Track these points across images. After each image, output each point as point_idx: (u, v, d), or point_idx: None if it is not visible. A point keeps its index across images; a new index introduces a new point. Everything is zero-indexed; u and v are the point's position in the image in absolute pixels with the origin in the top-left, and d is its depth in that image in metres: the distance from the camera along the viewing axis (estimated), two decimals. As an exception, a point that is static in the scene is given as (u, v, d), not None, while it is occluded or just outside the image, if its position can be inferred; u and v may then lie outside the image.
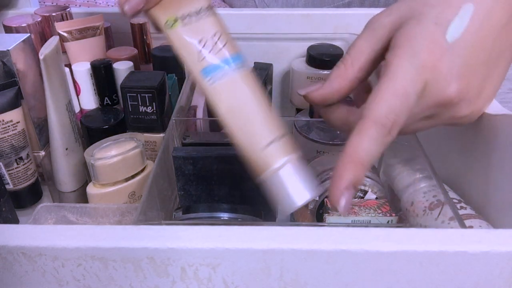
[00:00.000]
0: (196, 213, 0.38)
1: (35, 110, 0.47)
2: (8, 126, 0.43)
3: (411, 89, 0.28)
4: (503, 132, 0.33)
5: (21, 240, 0.25)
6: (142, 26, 0.56)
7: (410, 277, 0.25)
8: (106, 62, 0.50)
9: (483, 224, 0.34)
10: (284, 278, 0.26)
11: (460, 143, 0.39)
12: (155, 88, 0.44)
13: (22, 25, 0.50)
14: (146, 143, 0.47)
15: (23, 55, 0.45)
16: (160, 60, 0.52)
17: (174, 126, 0.43)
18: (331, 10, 0.59)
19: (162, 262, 0.26)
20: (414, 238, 0.25)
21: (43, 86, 0.42)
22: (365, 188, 0.40)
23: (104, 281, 0.27)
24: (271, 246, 0.25)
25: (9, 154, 0.44)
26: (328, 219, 0.37)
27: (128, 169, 0.42)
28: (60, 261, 0.26)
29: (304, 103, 0.54)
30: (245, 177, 0.40)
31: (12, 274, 0.27)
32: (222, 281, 0.26)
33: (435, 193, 0.35)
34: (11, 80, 0.44)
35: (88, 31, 0.53)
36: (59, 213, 0.40)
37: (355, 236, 0.25)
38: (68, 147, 0.45)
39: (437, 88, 0.29)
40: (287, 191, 0.29)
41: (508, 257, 0.24)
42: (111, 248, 0.25)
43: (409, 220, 0.38)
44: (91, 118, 0.48)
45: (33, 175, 0.47)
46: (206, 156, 0.39)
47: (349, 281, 0.26)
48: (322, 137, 0.47)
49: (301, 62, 0.57)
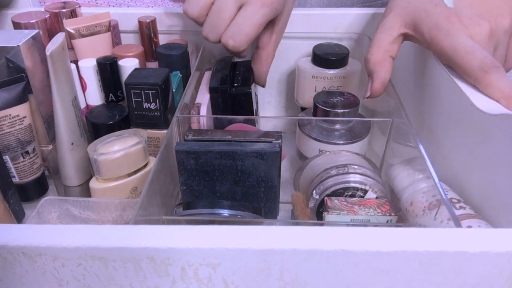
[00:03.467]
0: (197, 209, 0.39)
1: (44, 105, 0.48)
2: (15, 121, 0.44)
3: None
4: (503, 132, 0.33)
5: (21, 239, 0.25)
6: (150, 24, 0.56)
7: (410, 277, 0.25)
8: (111, 59, 0.50)
9: (482, 224, 0.34)
10: (284, 278, 0.26)
11: (460, 143, 0.39)
12: (158, 85, 0.44)
13: (30, 21, 0.51)
14: (149, 139, 0.47)
15: (32, 51, 0.45)
16: (165, 58, 0.53)
17: (177, 123, 0.44)
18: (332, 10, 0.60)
19: (162, 262, 0.26)
20: (414, 238, 0.25)
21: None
22: (366, 187, 0.40)
23: (104, 281, 0.27)
24: (271, 246, 0.25)
25: (16, 148, 0.44)
26: (328, 218, 0.37)
27: (131, 165, 0.43)
28: (60, 261, 0.26)
29: (309, 102, 0.54)
30: (247, 173, 0.41)
31: (12, 274, 0.27)
32: (222, 281, 0.27)
33: (434, 193, 0.35)
34: (19, 75, 0.44)
35: (95, 28, 0.53)
36: (62, 207, 0.41)
37: (355, 236, 0.25)
38: (73, 142, 0.46)
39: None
40: None
41: (508, 257, 0.24)
42: (111, 248, 0.25)
43: (408, 220, 0.38)
44: (96, 114, 0.48)
45: (39, 169, 0.48)
46: (208, 151, 0.40)
47: (349, 281, 0.26)
48: (325, 136, 0.47)
49: (307, 61, 0.57)
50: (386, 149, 0.47)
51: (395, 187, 0.42)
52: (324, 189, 0.40)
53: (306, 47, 0.59)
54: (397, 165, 0.43)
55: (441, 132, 0.43)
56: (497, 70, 0.35)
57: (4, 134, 0.44)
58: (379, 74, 0.43)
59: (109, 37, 0.55)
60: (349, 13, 0.58)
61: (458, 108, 0.39)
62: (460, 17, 0.39)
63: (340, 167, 0.42)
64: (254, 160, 0.40)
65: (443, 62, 0.41)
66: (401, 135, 0.43)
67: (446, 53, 0.39)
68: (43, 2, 0.63)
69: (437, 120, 0.44)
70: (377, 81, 0.43)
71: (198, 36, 0.60)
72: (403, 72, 0.52)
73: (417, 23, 0.41)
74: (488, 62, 0.36)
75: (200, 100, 0.51)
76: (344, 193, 0.40)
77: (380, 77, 0.43)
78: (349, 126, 0.47)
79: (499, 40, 0.39)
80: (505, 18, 0.39)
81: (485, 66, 0.35)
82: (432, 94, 0.45)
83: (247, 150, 0.40)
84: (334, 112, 0.46)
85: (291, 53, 0.61)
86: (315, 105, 0.47)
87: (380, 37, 0.43)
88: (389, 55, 0.43)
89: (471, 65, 0.36)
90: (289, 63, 0.62)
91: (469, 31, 0.39)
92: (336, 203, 0.38)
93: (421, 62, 0.48)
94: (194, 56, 0.60)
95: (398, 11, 0.43)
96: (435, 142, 0.44)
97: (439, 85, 0.43)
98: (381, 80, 0.43)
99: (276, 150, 0.40)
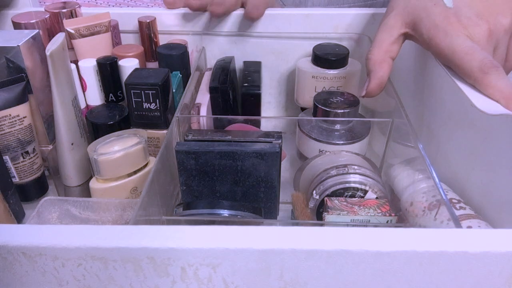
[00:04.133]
0: (197, 210, 0.39)
1: (44, 105, 0.48)
2: (15, 121, 0.44)
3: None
4: (503, 132, 0.33)
5: (21, 240, 0.25)
6: (150, 24, 0.56)
7: (410, 277, 0.25)
8: (111, 59, 0.50)
9: (482, 224, 0.34)
10: (284, 278, 0.26)
11: (460, 143, 0.39)
12: (158, 85, 0.44)
13: (30, 21, 0.51)
14: (149, 140, 0.47)
15: (32, 51, 0.45)
16: (165, 58, 0.53)
17: (177, 123, 0.44)
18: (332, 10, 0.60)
19: (162, 262, 0.26)
20: (414, 238, 0.25)
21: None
22: (366, 187, 0.40)
23: (104, 281, 0.27)
24: (271, 246, 0.25)
25: (16, 148, 0.45)
26: (328, 218, 0.37)
27: (131, 165, 0.43)
28: (60, 261, 0.26)
29: (309, 102, 0.54)
30: (247, 174, 0.41)
31: (12, 274, 0.27)
32: (222, 281, 0.26)
33: (434, 193, 0.35)
34: (19, 75, 0.44)
35: (95, 28, 0.53)
36: (62, 207, 0.41)
37: (355, 236, 0.25)
38: (73, 142, 0.46)
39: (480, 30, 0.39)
40: None
41: (508, 257, 0.24)
42: (111, 248, 0.25)
43: (408, 221, 0.38)
44: (96, 114, 0.48)
45: (39, 169, 0.48)
46: (208, 151, 0.40)
47: (349, 281, 0.26)
48: (325, 136, 0.47)
49: (307, 62, 0.57)
50: (386, 149, 0.47)
51: (395, 188, 0.42)
52: (324, 189, 0.40)
53: (306, 47, 0.60)
54: (397, 165, 0.43)
55: (441, 132, 0.43)
56: (496, 71, 0.35)
57: (4, 134, 0.44)
58: (376, 74, 0.43)
59: (109, 37, 0.55)
60: (349, 13, 0.58)
61: (458, 109, 0.39)
62: (459, 17, 0.39)
63: (340, 167, 0.42)
64: (254, 160, 0.40)
65: (442, 63, 0.41)
66: (401, 135, 0.43)
67: (445, 54, 0.39)
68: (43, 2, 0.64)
69: (437, 120, 0.44)
70: (374, 81, 0.43)
71: (198, 36, 0.60)
72: (404, 72, 0.52)
73: (417, 23, 0.41)
74: (487, 62, 0.36)
75: (200, 100, 0.51)
76: (344, 194, 0.40)
77: (377, 77, 0.43)
78: (349, 126, 0.47)
79: (499, 39, 0.39)
80: (506, 17, 0.39)
81: (484, 67, 0.35)
82: (432, 94, 0.45)
83: (247, 150, 0.40)
84: (334, 112, 0.46)
85: (291, 53, 0.61)
86: (315, 105, 0.47)
87: (381, 37, 0.43)
88: (389, 56, 0.43)
89: (470, 66, 0.36)
90: (289, 63, 0.62)
91: (468, 31, 0.39)
92: (336, 203, 0.38)
93: (422, 62, 0.48)
94: (194, 56, 0.60)
95: (399, 10, 0.43)
96: (435, 142, 0.44)
97: (439, 85, 0.43)
98: (378, 81, 0.43)
99: (276, 150, 0.40)
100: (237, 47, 0.61)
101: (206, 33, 0.60)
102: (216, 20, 0.59)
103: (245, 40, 0.60)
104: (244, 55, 0.61)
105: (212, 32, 0.60)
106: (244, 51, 0.61)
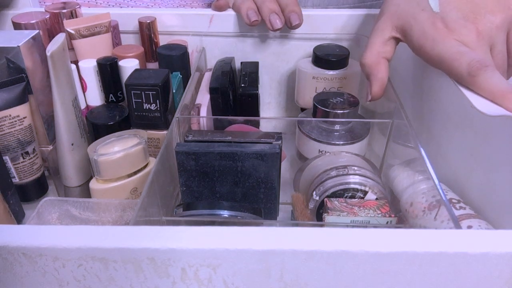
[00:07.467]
0: (197, 210, 0.39)
1: (44, 106, 0.48)
2: (15, 121, 0.44)
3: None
4: (503, 132, 0.33)
5: (22, 240, 0.25)
6: (150, 24, 0.56)
7: (410, 278, 0.25)
8: (111, 60, 0.50)
9: (482, 224, 0.34)
10: (284, 279, 0.26)
11: (460, 143, 0.39)
12: (159, 85, 0.44)
13: (31, 22, 0.51)
14: (150, 140, 0.47)
15: (32, 52, 0.45)
16: (166, 58, 0.53)
17: (177, 123, 0.44)
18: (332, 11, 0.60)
19: (162, 262, 0.26)
20: (414, 239, 0.25)
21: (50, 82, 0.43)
22: (366, 188, 0.40)
23: (104, 282, 0.27)
24: (271, 247, 0.25)
25: (16, 149, 0.45)
26: (327, 219, 0.37)
27: (131, 166, 0.43)
28: (60, 261, 0.26)
29: (309, 103, 0.54)
30: (247, 174, 0.41)
31: (12, 274, 0.27)
32: (222, 282, 0.26)
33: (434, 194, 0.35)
34: (19, 76, 0.44)
35: (96, 28, 0.53)
36: (62, 207, 0.41)
37: (355, 237, 0.25)
38: (74, 143, 0.46)
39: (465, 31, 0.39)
40: None
41: (508, 258, 0.24)
42: (111, 249, 0.25)
43: (408, 221, 0.38)
44: (97, 114, 0.49)
45: (39, 169, 0.48)
46: (208, 152, 0.40)
47: (349, 282, 0.26)
48: (325, 137, 0.47)
49: (307, 62, 0.57)
50: (386, 150, 0.47)
51: (395, 188, 0.42)
52: (324, 190, 0.40)
53: (306, 48, 0.60)
54: (397, 166, 0.43)
55: (441, 133, 0.43)
56: (484, 71, 0.35)
57: (4, 134, 0.44)
58: (376, 77, 0.43)
59: (109, 37, 0.55)
60: (349, 14, 0.58)
61: (458, 109, 0.39)
62: (446, 22, 0.39)
63: (340, 168, 0.42)
64: (254, 161, 0.40)
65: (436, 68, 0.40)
66: (401, 136, 0.43)
67: (436, 62, 0.39)
68: (43, 2, 0.63)
69: (437, 121, 0.44)
70: (375, 84, 0.43)
71: (198, 37, 0.60)
72: (403, 73, 0.52)
73: (406, 30, 0.41)
74: (474, 64, 0.35)
75: (200, 100, 0.51)
76: (344, 194, 0.40)
77: (377, 79, 0.43)
78: (349, 127, 0.47)
79: (493, 37, 0.39)
80: (495, 15, 0.38)
81: (471, 70, 0.35)
82: (432, 95, 0.45)
83: (247, 151, 0.40)
84: (334, 113, 0.46)
85: (291, 54, 0.61)
86: (315, 106, 0.47)
87: (372, 40, 0.44)
88: (383, 57, 0.43)
89: (460, 71, 0.36)
90: (289, 64, 0.62)
91: (456, 35, 0.38)
92: (336, 204, 0.38)
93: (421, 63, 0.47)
94: (194, 57, 0.60)
95: (389, 15, 0.43)
96: (435, 143, 0.44)
97: (439, 86, 0.43)
98: (379, 82, 0.43)
99: (276, 151, 0.40)
100: (237, 47, 0.61)
101: (206, 34, 0.60)
102: (216, 20, 0.59)
103: (245, 40, 0.60)
104: (244, 55, 0.61)
105: (212, 32, 0.60)
106: (244, 51, 0.61)
